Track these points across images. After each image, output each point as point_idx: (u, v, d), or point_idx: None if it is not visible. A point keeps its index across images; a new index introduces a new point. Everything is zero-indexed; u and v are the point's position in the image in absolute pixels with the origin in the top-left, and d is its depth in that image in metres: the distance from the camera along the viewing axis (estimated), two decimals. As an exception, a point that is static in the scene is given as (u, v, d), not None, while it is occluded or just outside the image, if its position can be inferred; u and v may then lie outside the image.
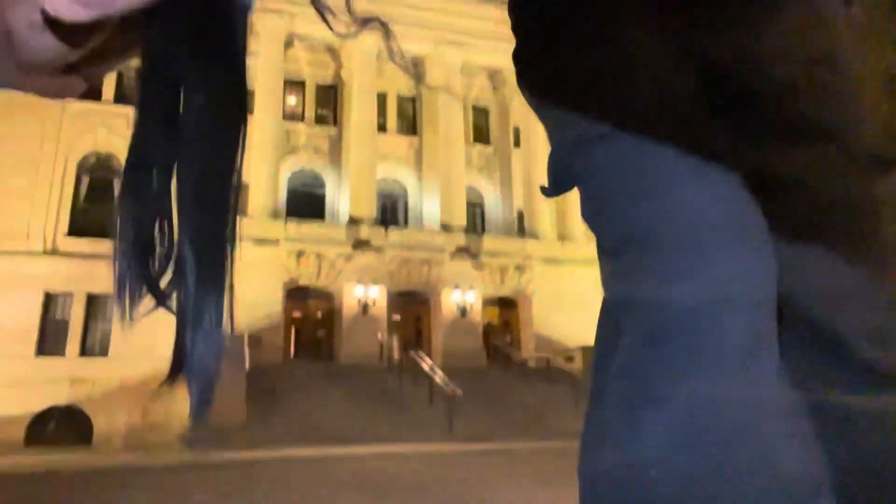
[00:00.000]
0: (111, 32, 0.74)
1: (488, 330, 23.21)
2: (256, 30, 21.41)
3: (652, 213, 0.68)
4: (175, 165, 0.68)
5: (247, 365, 15.93)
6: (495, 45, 23.63)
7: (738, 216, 0.68)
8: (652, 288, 0.67)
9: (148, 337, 19.79)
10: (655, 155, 0.69)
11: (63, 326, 19.82)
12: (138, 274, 0.68)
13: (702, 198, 0.67)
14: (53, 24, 0.67)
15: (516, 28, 0.87)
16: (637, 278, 0.69)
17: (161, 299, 0.70)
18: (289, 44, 23.48)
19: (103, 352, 19.73)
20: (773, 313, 0.65)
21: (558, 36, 0.79)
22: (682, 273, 0.65)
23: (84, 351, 19.78)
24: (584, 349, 19.46)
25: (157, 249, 0.70)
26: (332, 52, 24.77)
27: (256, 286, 19.91)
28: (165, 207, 0.68)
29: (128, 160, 0.71)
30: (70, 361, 19.28)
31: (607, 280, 0.74)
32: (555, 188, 0.78)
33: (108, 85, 22.46)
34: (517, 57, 0.87)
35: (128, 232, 0.69)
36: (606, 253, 0.74)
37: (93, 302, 20.13)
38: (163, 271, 0.70)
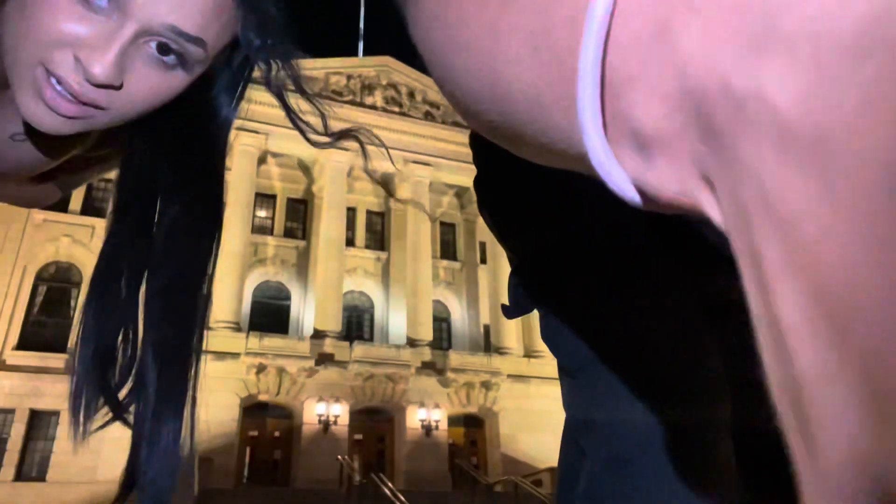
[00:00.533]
0: (92, 144, 0.71)
1: (454, 450, 22.36)
2: (231, 146, 21.96)
3: (608, 336, 0.69)
4: (145, 274, 0.64)
5: (196, 490, 14.90)
6: (462, 166, 24.60)
7: (692, 343, 0.69)
8: (610, 409, 0.67)
9: (90, 458, 18.55)
10: (610, 282, 0.70)
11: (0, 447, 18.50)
12: (96, 383, 0.61)
13: (656, 324, 0.69)
14: (35, 134, 0.65)
15: (477, 159, 0.89)
16: (595, 399, 0.69)
17: (118, 411, 0.63)
18: (262, 160, 24.08)
19: (41, 475, 18.32)
20: (729, 435, 0.65)
21: (516, 169, 0.80)
22: (639, 396, 0.65)
23: (20, 475, 18.35)
24: (553, 471, 18.79)
25: (119, 359, 0.63)
26: (305, 168, 25.45)
27: (212, 402, 19.08)
28: (131, 316, 0.63)
29: (97, 266, 0.66)
30: (3, 487, 17.81)
31: (567, 399, 0.74)
32: (515, 309, 0.80)
33: (76, 195, 22.47)
34: (478, 185, 0.90)
35: (90, 339, 0.63)
36: (566, 373, 0.74)
37: (36, 419, 18.97)
38: (123, 382, 0.63)
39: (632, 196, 0.21)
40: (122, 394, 0.66)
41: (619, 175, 0.21)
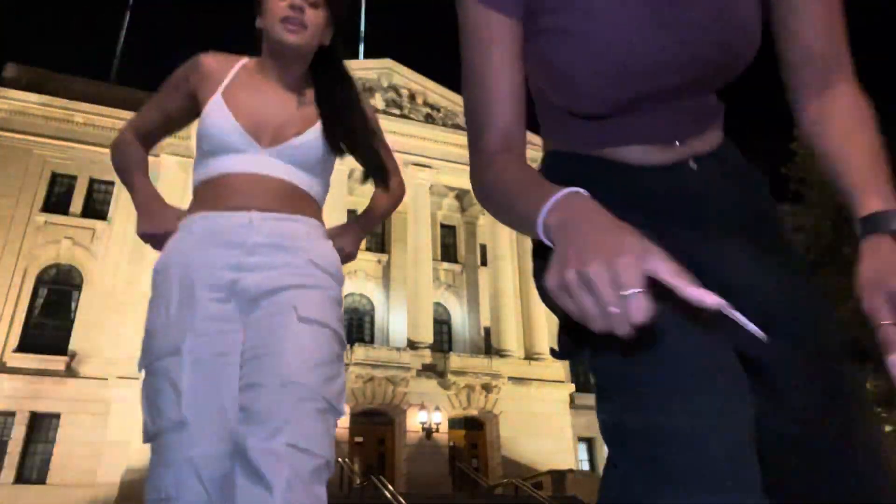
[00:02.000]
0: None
1: (454, 452, 22.34)
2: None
3: (644, 355, 0.71)
4: None
5: None
6: (463, 168, 24.61)
7: (719, 357, 0.72)
8: (641, 415, 0.69)
9: (90, 461, 18.54)
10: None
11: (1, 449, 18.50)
12: None
13: (686, 340, 0.71)
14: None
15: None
16: (632, 413, 0.71)
17: None
18: (262, 162, 24.06)
19: (41, 478, 18.33)
20: (752, 433, 0.68)
21: None
22: (673, 406, 0.68)
23: (20, 478, 18.34)
24: (553, 473, 18.78)
25: None
26: (305, 171, 25.40)
27: (213, 405, 19.01)
28: None
29: None
30: (4, 489, 17.81)
31: (602, 415, 0.76)
32: (563, 355, 0.84)
33: (77, 198, 22.51)
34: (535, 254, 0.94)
35: None
36: (602, 388, 0.76)
37: (36, 422, 18.98)
38: None
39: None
40: None
41: None
